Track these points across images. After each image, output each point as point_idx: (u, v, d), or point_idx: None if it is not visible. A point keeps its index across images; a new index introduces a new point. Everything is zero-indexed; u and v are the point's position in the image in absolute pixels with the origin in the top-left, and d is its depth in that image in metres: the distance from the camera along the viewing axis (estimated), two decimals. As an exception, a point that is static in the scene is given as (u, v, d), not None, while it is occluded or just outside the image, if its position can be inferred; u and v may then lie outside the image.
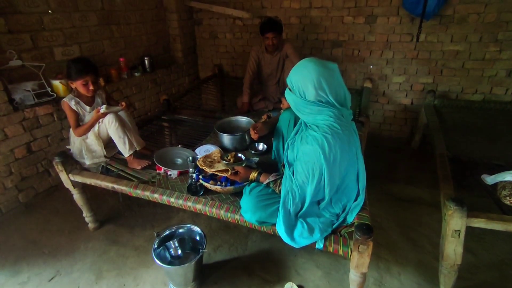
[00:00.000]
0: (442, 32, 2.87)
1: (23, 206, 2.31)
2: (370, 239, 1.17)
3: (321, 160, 1.21)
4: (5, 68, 2.13)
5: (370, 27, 3.11)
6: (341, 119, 1.25)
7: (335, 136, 1.20)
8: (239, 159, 1.80)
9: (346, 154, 1.26)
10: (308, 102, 1.25)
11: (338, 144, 1.21)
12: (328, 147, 1.20)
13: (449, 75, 3.02)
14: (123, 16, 3.06)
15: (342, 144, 1.22)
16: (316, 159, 1.22)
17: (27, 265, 1.85)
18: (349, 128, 1.29)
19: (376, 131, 3.51)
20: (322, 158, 1.20)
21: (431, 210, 2.19)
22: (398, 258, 1.82)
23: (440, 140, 2.19)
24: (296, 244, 1.30)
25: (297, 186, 1.30)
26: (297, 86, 1.27)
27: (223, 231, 2.06)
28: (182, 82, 3.89)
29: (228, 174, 1.56)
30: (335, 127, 1.21)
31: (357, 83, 3.41)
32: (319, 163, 1.22)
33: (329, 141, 1.20)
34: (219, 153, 1.77)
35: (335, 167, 1.24)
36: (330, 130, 1.21)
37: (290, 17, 3.37)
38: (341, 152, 1.22)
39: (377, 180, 2.56)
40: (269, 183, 1.46)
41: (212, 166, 1.61)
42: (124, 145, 1.88)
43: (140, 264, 1.84)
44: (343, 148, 1.23)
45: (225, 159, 1.74)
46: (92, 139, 1.91)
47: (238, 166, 1.59)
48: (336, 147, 1.21)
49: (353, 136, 1.31)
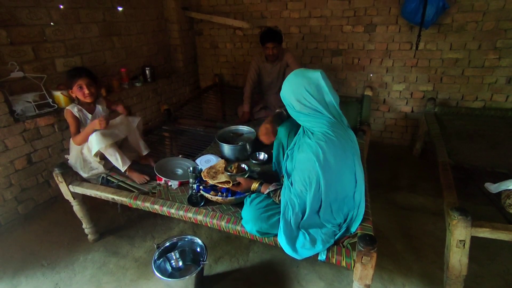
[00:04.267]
0: (441, 40, 2.89)
1: (22, 217, 2.29)
2: (374, 251, 1.15)
3: (316, 167, 1.21)
4: (6, 80, 2.15)
5: (370, 36, 3.13)
6: (336, 126, 1.25)
7: (329, 143, 1.21)
8: (242, 169, 1.78)
9: (342, 162, 1.25)
10: (298, 112, 1.29)
11: (332, 151, 1.21)
12: (323, 154, 1.20)
13: (449, 83, 3.03)
14: (124, 27, 3.09)
15: (336, 151, 1.22)
16: (312, 166, 1.22)
17: (26, 278, 1.82)
18: (345, 136, 1.27)
19: (377, 139, 3.50)
20: (317, 165, 1.20)
21: (435, 219, 2.16)
22: (402, 269, 1.79)
23: (441, 148, 2.18)
24: (298, 255, 1.28)
25: (295, 195, 1.29)
26: (285, 99, 1.33)
27: (224, 242, 2.04)
28: (183, 92, 3.91)
29: (229, 185, 1.55)
30: (329, 134, 1.22)
31: (357, 91, 3.42)
32: (314, 170, 1.22)
33: (323, 148, 1.20)
34: (224, 164, 1.75)
35: (331, 174, 1.23)
36: (324, 137, 1.22)
37: (289, 26, 3.40)
38: (335, 159, 1.22)
39: (379, 188, 2.54)
40: (269, 193, 1.45)
41: (215, 178, 1.60)
42: (117, 161, 1.86)
43: (140, 276, 1.81)
44: (337, 155, 1.22)
45: (229, 170, 1.73)
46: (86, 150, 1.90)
47: (240, 178, 1.58)
48: (330, 154, 1.20)
49: (350, 144, 1.28)
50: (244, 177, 1.63)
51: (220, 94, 3.81)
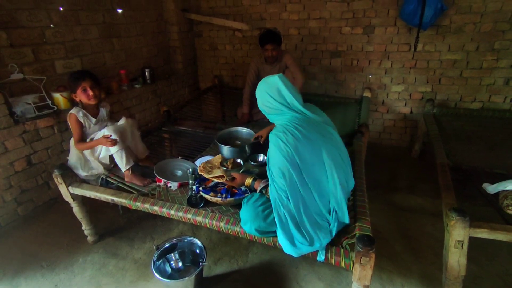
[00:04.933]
0: (439, 41, 2.90)
1: (22, 219, 2.29)
2: (372, 251, 1.16)
3: (280, 157, 1.30)
4: (6, 82, 2.15)
5: (368, 38, 3.14)
6: (301, 120, 1.37)
7: (287, 134, 1.32)
8: (238, 164, 1.80)
9: (306, 153, 1.31)
10: (268, 114, 1.49)
11: (291, 141, 1.30)
12: (283, 144, 1.31)
13: (447, 84, 3.04)
14: (124, 29, 3.10)
15: (296, 142, 1.30)
16: (278, 157, 1.31)
17: (25, 279, 1.83)
18: (313, 130, 1.36)
19: (376, 140, 3.51)
20: (280, 154, 1.30)
21: (433, 220, 2.17)
22: (401, 269, 1.79)
23: (440, 149, 2.19)
24: (297, 250, 1.28)
25: (280, 189, 1.31)
26: (258, 105, 1.53)
27: (223, 243, 2.04)
28: (182, 93, 3.92)
29: (223, 180, 1.58)
30: (287, 126, 1.35)
31: (356, 93, 3.43)
32: (280, 159, 1.30)
33: (281, 138, 1.32)
34: (220, 159, 1.78)
35: (295, 162, 1.30)
36: (283, 129, 1.35)
37: (289, 28, 3.42)
38: (296, 149, 1.29)
39: (378, 189, 2.54)
40: (262, 190, 1.48)
41: (211, 172, 1.63)
42: (121, 159, 1.87)
43: (140, 278, 1.81)
44: (297, 145, 1.30)
45: (224, 165, 1.75)
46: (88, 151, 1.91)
47: (235, 173, 1.61)
48: (288, 143, 1.30)
49: (315, 135, 1.34)
50: (239, 172, 1.65)
51: (219, 96, 3.82)
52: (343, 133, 2.53)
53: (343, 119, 2.88)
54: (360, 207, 1.48)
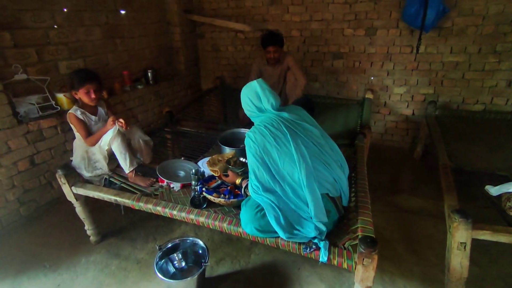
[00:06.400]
0: (442, 43, 2.90)
1: (24, 219, 2.30)
2: (375, 253, 1.16)
3: (250, 155, 1.43)
4: (10, 82, 2.16)
5: (371, 39, 3.15)
6: (272, 120, 1.48)
7: (256, 132, 1.45)
8: (241, 164, 1.83)
9: (273, 148, 1.40)
10: (250, 117, 1.62)
11: (259, 139, 1.42)
12: (252, 142, 1.43)
13: (449, 86, 3.04)
14: (127, 30, 3.12)
15: (264, 139, 1.42)
16: (249, 156, 1.44)
17: (28, 279, 1.83)
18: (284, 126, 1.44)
19: (378, 141, 3.51)
20: (249, 152, 1.43)
21: (435, 222, 2.16)
22: (403, 271, 1.79)
23: (442, 150, 2.19)
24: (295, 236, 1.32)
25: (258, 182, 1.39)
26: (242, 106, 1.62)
27: (225, 244, 2.04)
28: (185, 94, 3.93)
29: (217, 174, 1.67)
30: (258, 126, 1.48)
31: (358, 94, 3.43)
32: (250, 157, 1.43)
33: (251, 137, 1.44)
34: (230, 156, 1.83)
35: (263, 160, 1.40)
36: (253, 128, 1.49)
37: (291, 30, 3.42)
38: (263, 146, 1.41)
39: (380, 191, 2.54)
40: (244, 189, 1.54)
41: (214, 165, 1.71)
42: (125, 161, 1.88)
43: (142, 278, 1.81)
44: (265, 143, 1.41)
45: (231, 162, 1.78)
46: (95, 147, 1.91)
47: (230, 171, 1.67)
48: (256, 141, 1.42)
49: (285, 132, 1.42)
50: (237, 171, 1.70)
51: (221, 97, 3.82)
52: (345, 134, 2.54)
53: (345, 121, 2.88)
54: (362, 208, 1.48)
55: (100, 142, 1.88)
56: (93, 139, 1.89)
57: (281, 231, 1.30)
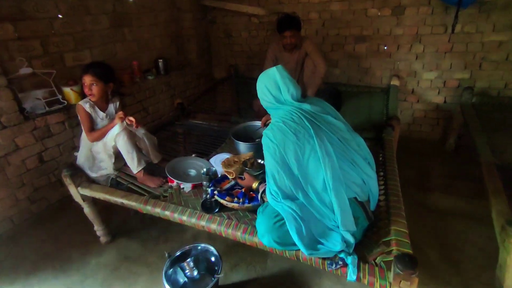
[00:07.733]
0: (482, 20, 2.57)
1: (35, 217, 2.26)
2: (415, 275, 0.98)
3: (269, 158, 1.26)
4: (15, 77, 2.07)
5: (398, 20, 2.85)
6: (293, 114, 1.31)
7: (274, 130, 1.29)
8: (259, 165, 1.65)
9: (296, 147, 1.23)
10: (267, 108, 1.45)
11: (278, 137, 1.26)
12: (270, 142, 1.27)
13: (489, 69, 2.71)
14: (136, 18, 2.96)
15: (284, 137, 1.25)
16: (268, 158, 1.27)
17: (38, 281, 1.78)
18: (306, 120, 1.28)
19: (404, 132, 3.24)
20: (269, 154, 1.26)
21: (473, 224, 1.94)
22: (439, 284, 1.59)
23: (483, 144, 1.94)
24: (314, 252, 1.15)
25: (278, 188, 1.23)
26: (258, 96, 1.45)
27: (240, 248, 1.90)
28: (197, 84, 3.77)
29: (232, 176, 1.55)
30: (277, 122, 1.32)
31: (383, 81, 3.15)
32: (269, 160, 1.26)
33: (269, 136, 1.29)
34: (248, 157, 1.68)
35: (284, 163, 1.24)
36: (271, 126, 1.33)
37: (309, 12, 3.16)
38: (283, 145, 1.24)
39: (408, 188, 2.31)
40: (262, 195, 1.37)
41: (230, 166, 1.58)
42: (133, 160, 1.76)
43: (152, 283, 1.72)
44: (285, 140, 1.25)
45: (247, 164, 1.63)
46: (99, 146, 1.81)
47: (247, 173, 1.51)
48: (276, 139, 1.26)
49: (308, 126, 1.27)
50: (254, 174, 1.52)
51: (234, 86, 3.64)
52: (369, 127, 2.30)
53: (368, 111, 2.63)
54: (395, 216, 1.30)
55: (105, 138, 1.77)
56: (95, 134, 1.78)
57: (302, 247, 1.13)
